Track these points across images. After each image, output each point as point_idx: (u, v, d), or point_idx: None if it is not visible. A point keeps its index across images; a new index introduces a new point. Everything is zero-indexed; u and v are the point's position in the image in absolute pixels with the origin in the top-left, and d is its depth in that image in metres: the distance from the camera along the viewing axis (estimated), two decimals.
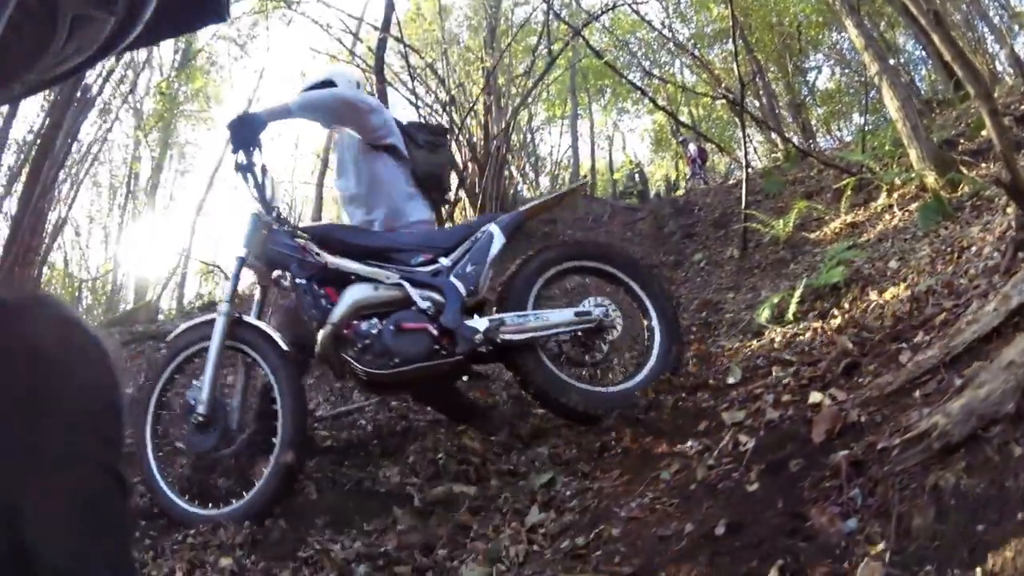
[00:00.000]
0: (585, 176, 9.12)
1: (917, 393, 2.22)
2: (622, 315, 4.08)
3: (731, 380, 3.70)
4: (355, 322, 3.74)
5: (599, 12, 14.23)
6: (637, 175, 24.53)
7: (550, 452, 3.62)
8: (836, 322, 3.94)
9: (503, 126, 11.89)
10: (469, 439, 3.86)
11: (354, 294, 3.77)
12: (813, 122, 22.82)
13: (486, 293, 4.02)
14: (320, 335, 3.74)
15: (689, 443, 3.01)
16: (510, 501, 3.15)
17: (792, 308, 4.54)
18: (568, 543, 2.54)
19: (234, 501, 3.50)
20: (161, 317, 9.55)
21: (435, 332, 3.71)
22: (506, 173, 12.34)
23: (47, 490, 0.77)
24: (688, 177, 23.44)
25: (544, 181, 24.10)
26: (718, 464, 2.61)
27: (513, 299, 3.93)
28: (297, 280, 3.83)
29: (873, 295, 4.06)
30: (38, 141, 4.56)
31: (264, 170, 3.91)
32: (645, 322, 4.13)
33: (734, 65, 11.35)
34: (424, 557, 2.87)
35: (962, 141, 7.24)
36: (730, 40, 17.80)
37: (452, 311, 3.76)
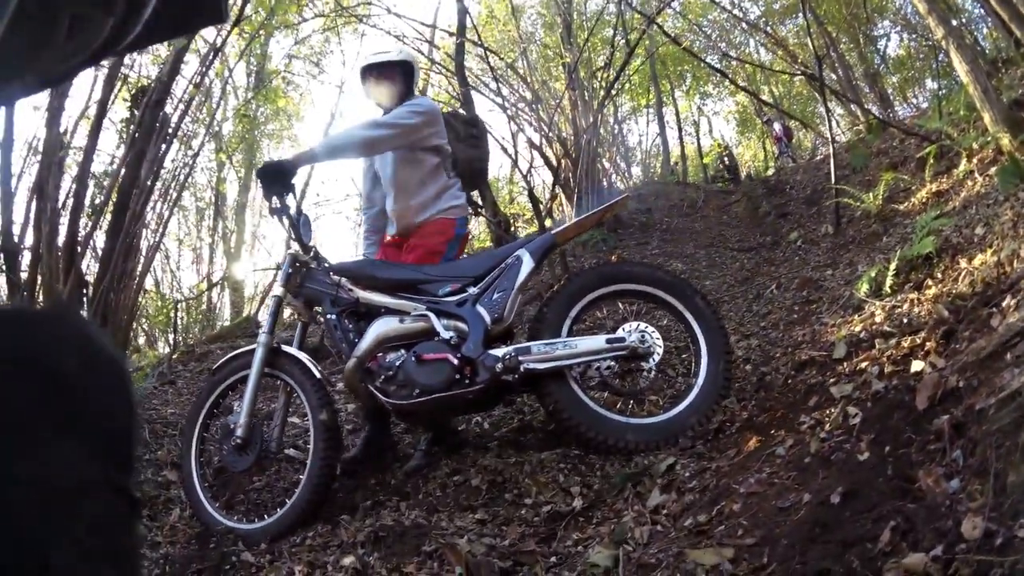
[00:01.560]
0: (626, 193, 8.74)
1: (1009, 355, 2.26)
2: (662, 340, 3.88)
3: (837, 355, 3.68)
4: (380, 354, 3.75)
5: None
6: (727, 158, 24.14)
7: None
8: (931, 292, 3.91)
9: (590, 120, 11.75)
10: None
11: (378, 328, 3.77)
12: (889, 90, 22.13)
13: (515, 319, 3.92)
14: (346, 368, 3.77)
15: (801, 418, 3.04)
16: (631, 487, 3.16)
17: (889, 281, 4.50)
18: (691, 521, 2.57)
19: (266, 517, 3.56)
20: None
21: (456, 362, 3.62)
22: (598, 166, 12.22)
23: (61, 516, 0.74)
24: (776, 156, 23.02)
25: (636, 171, 23.93)
26: (830, 436, 2.65)
27: (546, 327, 3.80)
28: (328, 315, 3.89)
29: (963, 262, 4.01)
30: (122, 172, 4.68)
31: (299, 211, 3.96)
32: (692, 346, 3.94)
33: (807, 40, 11.15)
34: (547, 545, 2.90)
35: None
36: (800, 15, 17.46)
37: (474, 340, 3.70)
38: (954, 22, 7.12)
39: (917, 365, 2.80)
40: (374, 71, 4.31)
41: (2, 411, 0.72)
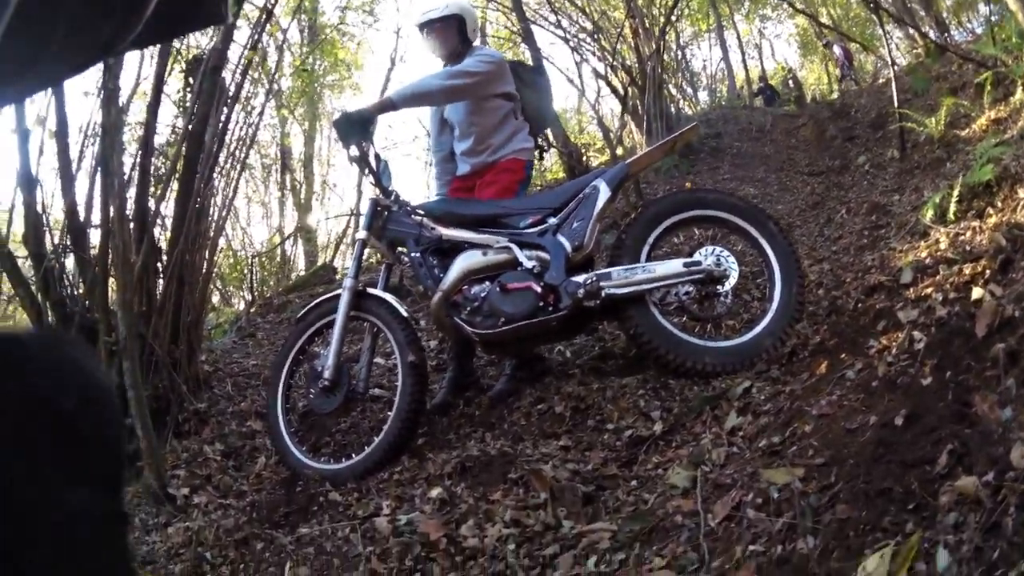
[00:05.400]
0: (695, 121, 8.03)
1: None
2: (737, 264, 3.80)
3: (904, 280, 3.60)
4: (465, 287, 3.70)
5: None
6: (791, 81, 23.22)
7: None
8: (992, 220, 3.80)
9: (653, 47, 11.22)
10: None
11: (463, 261, 3.72)
12: (944, 14, 20.74)
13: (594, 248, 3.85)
14: (432, 301, 3.73)
15: (870, 342, 3.01)
16: (709, 410, 3.16)
17: (952, 207, 4.38)
18: (765, 442, 2.58)
19: (353, 456, 3.53)
20: (338, 277, 9.25)
21: (539, 290, 3.57)
22: (665, 92, 11.79)
23: (70, 549, 0.71)
24: (839, 79, 22.15)
25: (703, 96, 23.10)
26: (896, 361, 2.62)
27: (625, 253, 3.72)
28: (412, 254, 3.84)
29: (1021, 192, 3.89)
30: (185, 140, 4.66)
31: (377, 158, 3.92)
32: (766, 270, 3.86)
33: None
34: (628, 469, 2.93)
35: None
36: None
37: (556, 268, 3.63)
38: None
39: (977, 292, 2.74)
40: (427, 28, 4.23)
41: (9, 451, 0.71)
